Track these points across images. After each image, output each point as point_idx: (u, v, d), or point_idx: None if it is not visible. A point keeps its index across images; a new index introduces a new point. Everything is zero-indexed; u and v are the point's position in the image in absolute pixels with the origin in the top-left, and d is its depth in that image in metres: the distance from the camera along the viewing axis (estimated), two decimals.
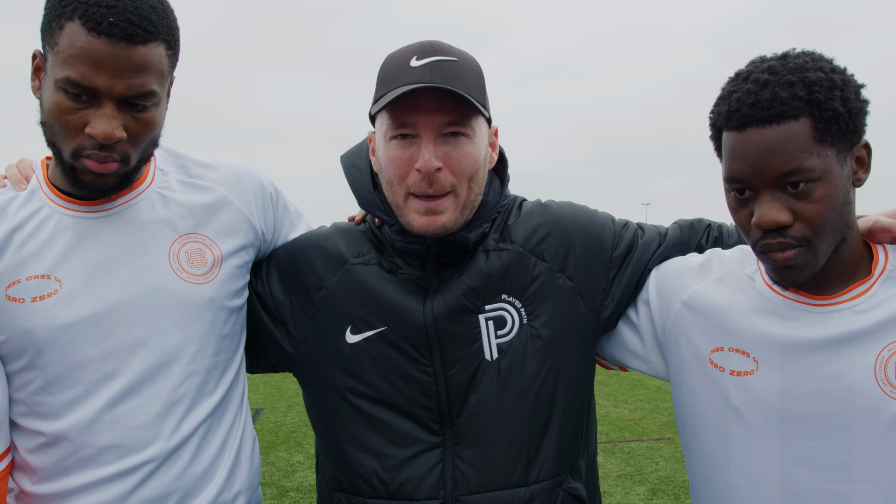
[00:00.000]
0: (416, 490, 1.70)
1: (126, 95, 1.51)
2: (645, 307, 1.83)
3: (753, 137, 1.44)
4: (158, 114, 1.59)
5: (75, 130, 1.52)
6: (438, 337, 1.72)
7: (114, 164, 1.56)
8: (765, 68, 1.47)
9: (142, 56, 1.50)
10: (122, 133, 1.52)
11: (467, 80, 1.65)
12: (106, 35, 1.46)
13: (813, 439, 1.49)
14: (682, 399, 1.73)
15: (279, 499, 6.65)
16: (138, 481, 1.61)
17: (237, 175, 1.87)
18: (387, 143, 1.69)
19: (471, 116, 1.66)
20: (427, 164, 1.62)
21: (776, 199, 1.45)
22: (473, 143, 1.68)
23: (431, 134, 1.64)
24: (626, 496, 6.57)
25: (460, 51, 1.70)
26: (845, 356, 1.49)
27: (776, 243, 1.46)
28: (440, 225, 1.67)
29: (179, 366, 1.66)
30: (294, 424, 9.85)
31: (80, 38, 1.46)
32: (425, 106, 1.62)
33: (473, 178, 1.69)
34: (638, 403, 10.86)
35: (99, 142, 1.51)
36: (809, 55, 1.49)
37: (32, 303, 1.58)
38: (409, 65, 1.64)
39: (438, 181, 1.65)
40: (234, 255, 1.81)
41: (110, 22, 1.46)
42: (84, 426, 1.59)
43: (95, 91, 1.49)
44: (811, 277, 1.49)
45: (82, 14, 1.46)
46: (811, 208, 1.43)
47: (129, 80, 1.49)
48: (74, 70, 1.47)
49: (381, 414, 1.75)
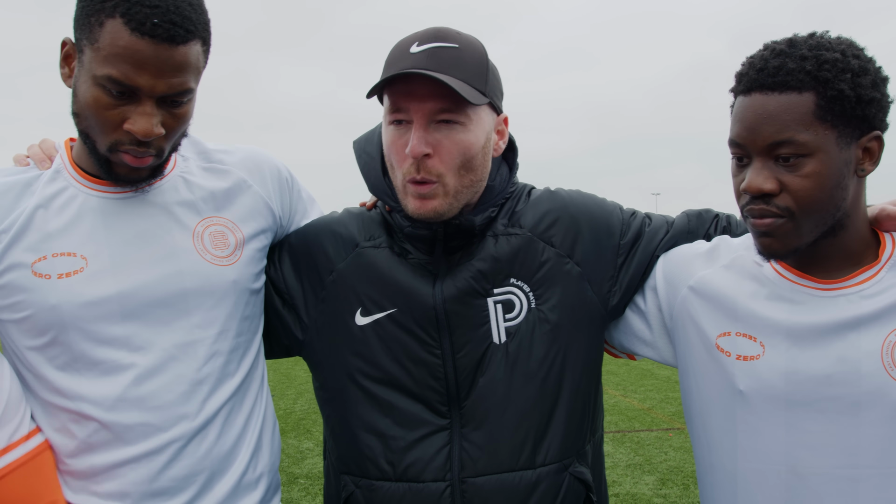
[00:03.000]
0: (422, 472, 1.72)
1: (166, 94, 1.53)
2: (652, 294, 1.83)
3: (755, 103, 1.46)
4: (191, 107, 1.62)
5: (113, 126, 1.54)
6: (447, 319, 1.74)
7: (149, 159, 1.59)
8: (786, 41, 1.49)
9: (182, 56, 1.51)
10: (161, 130, 1.55)
11: (465, 68, 1.65)
12: (150, 36, 1.47)
13: (819, 423, 1.49)
14: (688, 384, 1.74)
15: (289, 485, 6.70)
16: (166, 461, 1.63)
17: (254, 160, 1.89)
18: (386, 127, 1.72)
19: (466, 104, 1.65)
20: (414, 149, 1.63)
21: (766, 168, 1.46)
22: (468, 130, 1.68)
23: (423, 120, 1.65)
24: (635, 486, 6.58)
25: (467, 37, 1.70)
26: (852, 340, 1.49)
27: (757, 209, 1.48)
28: (431, 209, 1.68)
29: (204, 346, 1.68)
30: (303, 412, 9.91)
31: (123, 38, 1.47)
32: (418, 92, 1.63)
33: (466, 165, 1.69)
34: (647, 393, 10.86)
35: (137, 138, 1.53)
36: (838, 38, 1.49)
37: (59, 279, 1.60)
38: (409, 50, 1.65)
39: (426, 168, 1.66)
40: (255, 237, 1.83)
41: (154, 23, 1.46)
42: (110, 404, 1.61)
43: (136, 90, 1.50)
44: (792, 251, 1.51)
45: (125, 12, 1.47)
46: (798, 182, 1.44)
47: (170, 79, 1.51)
48: (117, 69, 1.48)
49: (389, 396, 1.76)
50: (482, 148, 1.72)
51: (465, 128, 1.67)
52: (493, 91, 1.72)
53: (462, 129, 1.67)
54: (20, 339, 1.63)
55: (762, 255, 1.56)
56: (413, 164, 1.66)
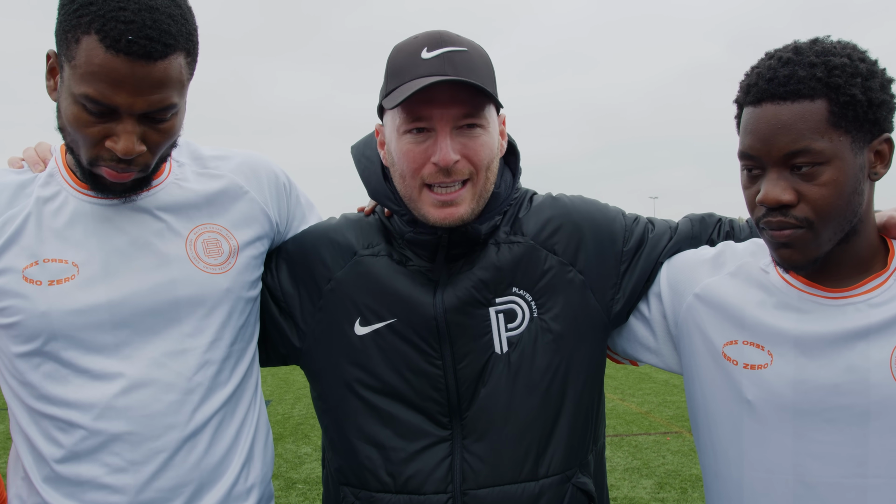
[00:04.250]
0: (423, 484, 1.69)
1: (147, 111, 1.48)
2: (657, 301, 1.81)
3: (766, 113, 1.44)
4: (178, 120, 1.58)
5: (94, 142, 1.51)
6: (448, 329, 1.71)
7: (131, 174, 1.56)
8: (792, 48, 1.47)
9: (161, 71, 1.46)
10: (143, 147, 1.51)
11: (479, 71, 1.64)
12: (125, 53, 1.41)
13: (827, 433, 1.48)
14: (694, 392, 1.72)
15: (287, 490, 6.66)
16: (154, 471, 1.61)
17: (251, 165, 1.86)
18: (399, 136, 1.67)
19: (484, 107, 1.65)
20: (445, 158, 1.61)
21: (782, 178, 1.44)
22: (488, 133, 1.67)
23: (447, 127, 1.62)
24: (632, 489, 6.57)
25: (468, 40, 1.69)
26: (861, 349, 1.47)
27: (776, 221, 1.46)
28: (458, 217, 1.66)
29: (195, 355, 1.66)
30: (302, 416, 9.88)
31: (98, 55, 1.42)
32: (440, 99, 1.61)
33: (490, 167, 1.69)
34: (645, 397, 10.85)
35: (118, 156, 1.50)
36: (840, 42, 1.48)
37: (49, 286, 1.58)
38: (420, 56, 1.62)
39: (456, 170, 1.64)
40: (250, 245, 1.80)
41: (129, 40, 1.41)
42: (97, 413, 1.59)
43: (115, 108, 1.46)
44: (812, 262, 1.48)
45: (99, 29, 1.41)
46: (816, 191, 1.42)
47: (149, 97, 1.46)
48: (93, 88, 1.44)
49: (390, 407, 1.74)
50: (497, 150, 1.72)
51: (486, 130, 1.67)
52: (496, 92, 1.72)
53: (483, 132, 1.66)
54: (7, 344, 1.61)
55: (781, 266, 1.53)
56: (440, 169, 1.63)
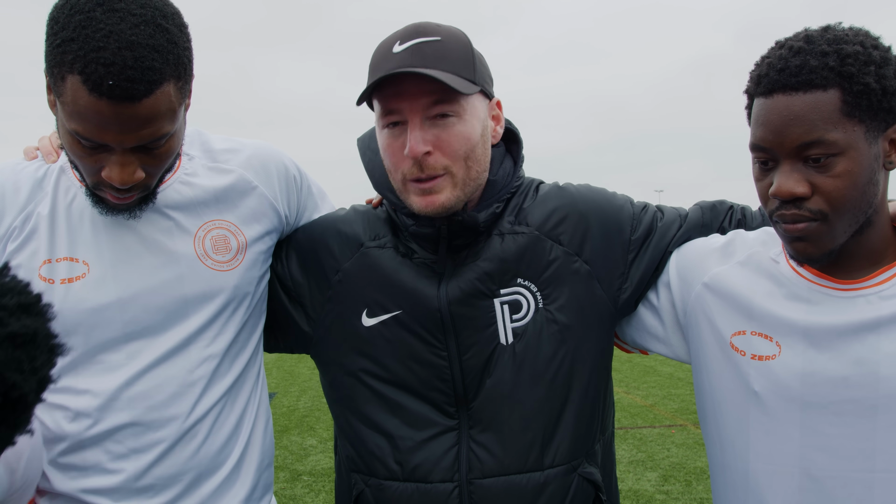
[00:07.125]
0: (430, 473, 1.70)
1: (138, 145, 1.47)
2: (665, 290, 1.80)
3: (778, 104, 1.41)
4: (175, 142, 1.55)
5: (93, 171, 1.50)
6: (453, 321, 1.71)
7: (133, 196, 1.56)
8: (803, 36, 1.44)
9: (148, 109, 1.42)
10: (140, 174, 1.50)
11: (451, 59, 1.62)
12: (108, 97, 1.37)
13: (834, 426, 1.46)
14: (702, 383, 1.71)
15: (292, 482, 6.69)
16: (153, 459, 1.63)
17: (261, 159, 1.85)
18: (380, 131, 1.69)
19: (458, 95, 1.62)
20: (413, 149, 1.60)
21: (795, 170, 1.41)
22: (464, 121, 1.65)
23: (417, 118, 1.62)
24: (637, 482, 6.57)
25: (448, 28, 1.68)
26: (871, 342, 1.45)
27: (790, 214, 1.43)
28: (439, 204, 1.65)
29: (198, 349, 1.68)
30: (307, 409, 9.91)
31: (83, 97, 1.39)
32: (408, 90, 1.61)
33: (470, 156, 1.66)
34: (650, 390, 10.85)
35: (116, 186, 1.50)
36: (852, 29, 1.45)
37: (61, 285, 1.60)
38: (391, 51, 1.62)
39: (429, 165, 1.63)
40: (259, 240, 1.80)
41: (110, 84, 1.37)
42: (103, 403, 1.61)
43: (106, 145, 1.45)
44: (827, 254, 1.46)
45: (81, 71, 1.37)
46: (831, 183, 1.39)
47: (138, 132, 1.44)
48: (82, 126, 1.42)
49: (397, 396, 1.74)
50: (481, 136, 1.69)
51: (461, 119, 1.64)
52: (482, 78, 1.70)
53: (458, 120, 1.64)
54: None
55: (795, 259, 1.51)
56: (414, 163, 1.63)
